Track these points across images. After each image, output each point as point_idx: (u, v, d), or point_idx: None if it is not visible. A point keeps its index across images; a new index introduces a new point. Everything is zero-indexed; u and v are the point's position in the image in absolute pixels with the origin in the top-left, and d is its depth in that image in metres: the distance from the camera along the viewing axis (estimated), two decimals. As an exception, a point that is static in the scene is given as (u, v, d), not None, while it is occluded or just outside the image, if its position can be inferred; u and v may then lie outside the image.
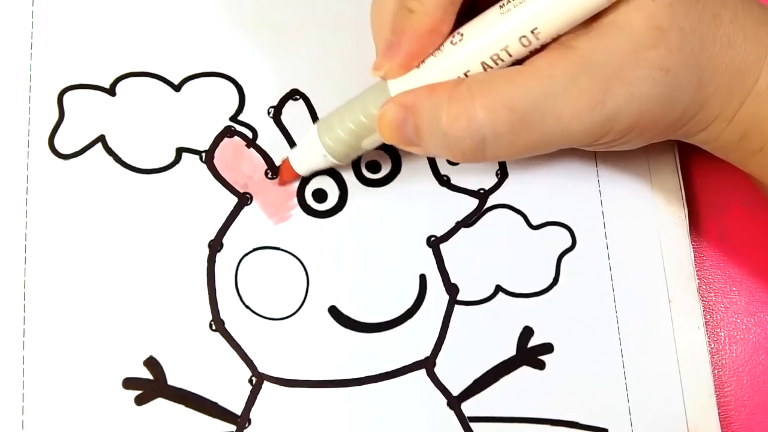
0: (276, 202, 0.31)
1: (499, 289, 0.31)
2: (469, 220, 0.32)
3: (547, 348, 0.31)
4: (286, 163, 0.30)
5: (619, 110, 0.25)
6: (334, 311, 0.30)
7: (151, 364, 0.29)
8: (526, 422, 0.31)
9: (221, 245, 0.30)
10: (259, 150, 0.31)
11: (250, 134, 0.31)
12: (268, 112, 0.31)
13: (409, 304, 0.31)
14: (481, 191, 0.32)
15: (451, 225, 0.32)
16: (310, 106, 0.31)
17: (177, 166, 0.30)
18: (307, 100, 0.31)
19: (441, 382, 0.30)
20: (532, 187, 0.33)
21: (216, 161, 0.31)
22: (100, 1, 0.31)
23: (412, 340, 0.30)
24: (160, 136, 0.30)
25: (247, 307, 0.30)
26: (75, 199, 0.29)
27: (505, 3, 0.25)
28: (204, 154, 0.30)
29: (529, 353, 0.31)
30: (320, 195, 0.31)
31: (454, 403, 0.30)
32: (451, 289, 0.31)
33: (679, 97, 0.26)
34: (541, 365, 0.31)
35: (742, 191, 0.35)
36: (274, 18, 0.32)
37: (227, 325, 0.29)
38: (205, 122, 0.31)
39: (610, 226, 0.33)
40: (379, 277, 0.31)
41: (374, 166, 0.32)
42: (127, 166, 0.30)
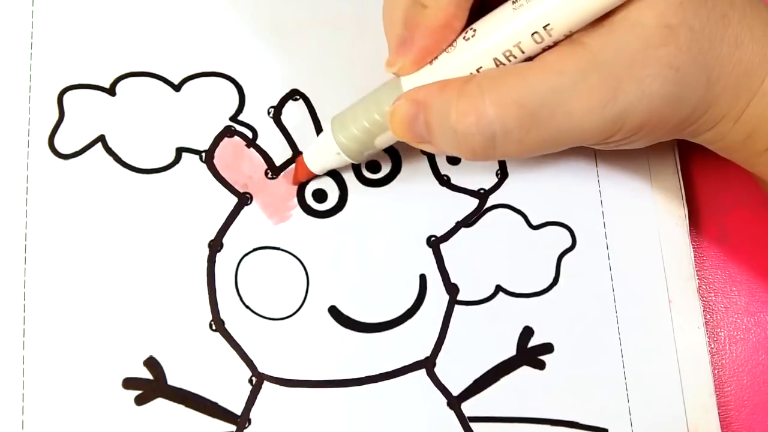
0: (276, 202, 0.31)
1: (499, 289, 0.31)
2: (469, 220, 0.32)
3: (547, 348, 0.31)
4: (301, 161, 0.30)
5: (630, 108, 0.25)
6: (334, 311, 0.30)
7: (151, 364, 0.29)
8: (526, 422, 0.31)
9: (221, 245, 0.30)
10: (259, 150, 0.31)
11: (250, 134, 0.31)
12: (268, 112, 0.31)
13: (409, 304, 0.31)
14: (482, 191, 0.32)
15: (451, 225, 0.32)
16: (310, 106, 0.31)
17: (177, 166, 0.30)
18: (307, 100, 0.31)
19: (441, 382, 0.30)
20: (532, 187, 0.33)
21: (216, 161, 0.30)
22: (100, 1, 0.31)
23: (412, 340, 0.30)
24: (160, 136, 0.30)
25: (247, 307, 0.30)
26: (75, 199, 0.29)
27: None
28: (204, 154, 0.30)
29: (529, 353, 0.31)
30: (320, 195, 0.31)
31: (454, 403, 0.30)
32: (451, 289, 0.31)
33: (688, 95, 0.26)
34: (541, 365, 0.31)
35: (743, 191, 0.35)
36: (274, 18, 0.32)
37: (227, 325, 0.29)
38: (205, 122, 0.31)
39: (610, 226, 0.33)
40: (379, 277, 0.31)
41: (374, 166, 0.32)
42: (127, 166, 0.30)
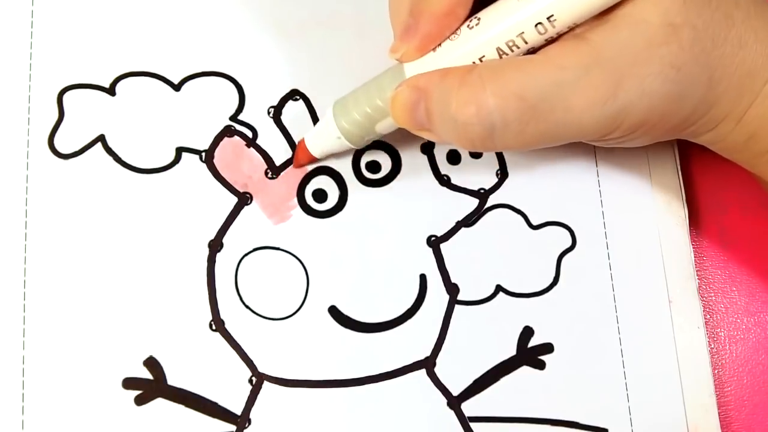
0: (276, 202, 0.31)
1: (499, 289, 0.31)
2: (470, 220, 0.32)
3: (547, 348, 0.31)
4: (302, 145, 0.30)
5: (630, 105, 0.25)
6: (334, 311, 0.30)
7: (151, 364, 0.29)
8: (526, 422, 0.31)
9: (221, 245, 0.30)
10: (259, 150, 0.31)
11: (250, 134, 0.31)
12: (268, 112, 0.31)
13: (409, 304, 0.31)
14: (482, 191, 0.32)
15: (452, 225, 0.32)
16: (310, 106, 0.31)
17: (177, 166, 0.30)
18: (307, 100, 0.31)
19: (441, 382, 0.30)
20: (532, 187, 0.33)
21: (216, 161, 0.30)
22: (100, 1, 0.31)
23: (412, 340, 0.30)
24: (160, 136, 0.30)
25: (247, 307, 0.30)
26: (75, 199, 0.29)
27: None
28: (204, 154, 0.30)
29: (529, 353, 0.31)
30: (320, 195, 0.31)
31: (454, 403, 0.30)
32: (452, 289, 0.31)
33: (689, 95, 0.26)
34: (541, 365, 0.31)
35: (743, 191, 0.35)
36: (274, 18, 0.32)
37: (227, 325, 0.29)
38: (205, 122, 0.31)
39: (610, 226, 0.33)
40: (379, 277, 0.31)
41: (374, 166, 0.32)
42: (127, 165, 0.30)
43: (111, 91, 0.30)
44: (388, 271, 0.31)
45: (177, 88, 0.31)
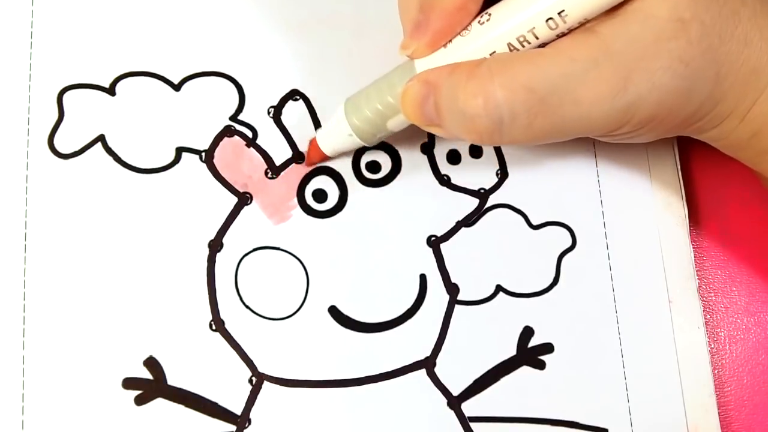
0: (276, 202, 0.31)
1: (499, 289, 0.31)
2: (470, 220, 0.32)
3: (547, 348, 0.31)
4: (314, 144, 0.30)
5: (639, 99, 0.25)
6: (334, 311, 0.30)
7: (151, 364, 0.29)
8: (526, 422, 0.31)
9: (221, 245, 0.30)
10: (259, 150, 0.31)
11: (250, 134, 0.31)
12: (268, 112, 0.31)
13: (409, 304, 0.31)
14: (482, 191, 0.32)
15: (452, 225, 0.32)
16: (310, 106, 0.31)
17: (177, 166, 0.30)
18: (307, 100, 0.31)
19: (441, 382, 0.30)
20: (532, 187, 0.33)
21: (216, 161, 0.30)
22: (100, 1, 0.31)
23: (413, 340, 0.30)
24: (160, 136, 0.30)
25: (247, 307, 0.30)
26: (75, 199, 0.29)
27: None
28: (204, 154, 0.30)
29: (530, 353, 0.31)
30: (320, 195, 0.31)
31: (455, 403, 0.30)
32: (452, 289, 0.31)
33: (697, 90, 0.26)
34: (541, 365, 0.31)
35: (743, 191, 0.35)
36: (274, 18, 0.32)
37: (227, 325, 0.29)
38: (205, 122, 0.31)
39: (610, 226, 0.33)
40: (379, 277, 0.31)
41: (374, 166, 0.32)
42: (127, 165, 0.30)
43: (111, 91, 0.30)
44: (388, 271, 0.31)
45: (177, 88, 0.31)
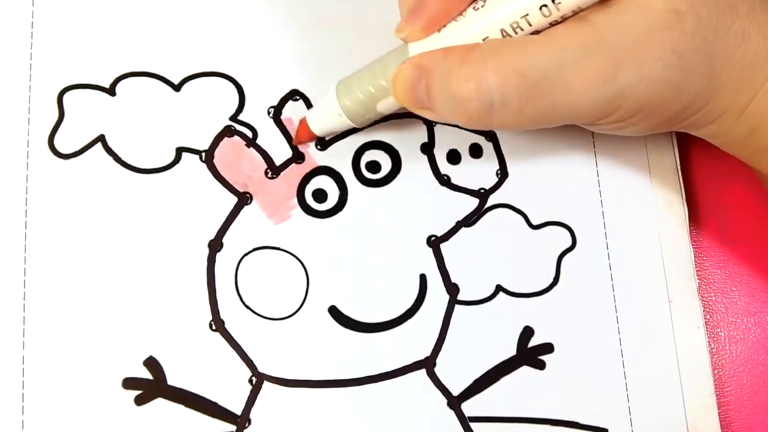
0: (276, 201, 0.31)
1: (499, 288, 0.31)
2: (470, 220, 0.32)
3: (547, 348, 0.31)
4: (303, 123, 0.30)
5: (629, 88, 0.25)
6: (334, 311, 0.30)
7: (151, 364, 0.29)
8: (526, 422, 0.31)
9: (221, 245, 0.30)
10: (259, 149, 0.31)
11: (250, 134, 0.31)
12: (268, 112, 0.31)
13: (409, 304, 0.31)
14: (482, 191, 0.32)
15: (452, 224, 0.32)
16: (310, 107, 0.31)
17: (177, 166, 0.30)
18: (307, 100, 0.31)
19: (441, 382, 0.30)
20: (532, 187, 0.33)
21: (216, 161, 0.30)
22: (100, 1, 0.31)
23: (413, 340, 0.30)
24: (160, 136, 0.30)
25: (247, 307, 0.30)
26: (75, 199, 0.29)
27: None
28: (204, 154, 0.30)
29: (530, 353, 0.31)
30: (320, 195, 0.31)
31: (455, 403, 0.30)
32: (452, 289, 0.31)
33: (689, 83, 0.26)
34: (541, 365, 0.31)
35: (743, 191, 0.35)
36: (274, 18, 0.32)
37: (227, 325, 0.29)
38: (205, 122, 0.31)
39: (610, 226, 0.33)
40: (379, 277, 0.31)
41: (374, 166, 0.32)
42: (127, 165, 0.30)
43: (111, 91, 0.30)
44: (388, 271, 0.31)
45: (177, 88, 0.31)
